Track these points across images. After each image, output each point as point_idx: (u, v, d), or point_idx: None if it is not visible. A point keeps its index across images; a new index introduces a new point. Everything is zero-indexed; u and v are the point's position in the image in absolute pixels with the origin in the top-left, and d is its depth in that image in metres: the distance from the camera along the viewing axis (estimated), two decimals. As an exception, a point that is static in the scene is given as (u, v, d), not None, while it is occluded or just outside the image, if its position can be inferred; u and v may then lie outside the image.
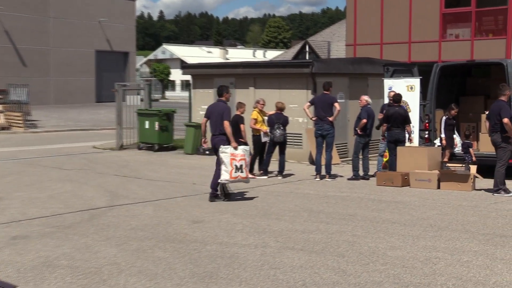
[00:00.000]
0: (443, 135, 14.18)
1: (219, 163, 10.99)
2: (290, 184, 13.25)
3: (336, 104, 13.59)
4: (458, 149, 14.58)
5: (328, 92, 13.82)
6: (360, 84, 18.09)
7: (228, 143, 10.96)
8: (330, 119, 13.60)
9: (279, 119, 14.09)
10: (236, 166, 10.86)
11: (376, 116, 14.38)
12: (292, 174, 14.46)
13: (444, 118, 14.25)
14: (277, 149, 14.21)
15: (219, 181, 10.97)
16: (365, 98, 14.05)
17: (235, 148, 10.92)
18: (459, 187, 12.19)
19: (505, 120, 11.44)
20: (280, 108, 14.28)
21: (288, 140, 14.68)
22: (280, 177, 14.03)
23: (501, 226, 8.98)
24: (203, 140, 11.88)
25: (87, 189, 12.58)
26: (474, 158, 13.86)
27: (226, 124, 10.95)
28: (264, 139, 14.29)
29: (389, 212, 10.09)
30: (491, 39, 26.73)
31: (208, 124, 11.29)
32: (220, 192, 11.16)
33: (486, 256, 7.37)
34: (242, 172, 10.93)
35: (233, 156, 10.87)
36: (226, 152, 10.87)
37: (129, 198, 11.44)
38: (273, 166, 14.52)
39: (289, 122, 14.65)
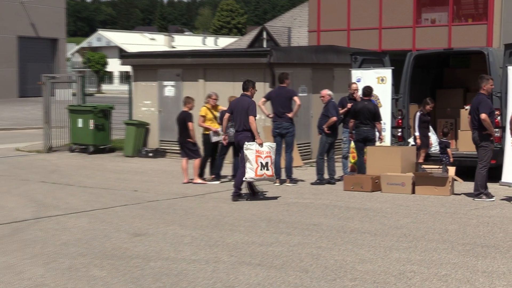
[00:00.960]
0: (417, 133, 14.34)
1: (243, 160, 11.83)
2: (245, 189, 13.26)
3: (295, 98, 13.68)
4: (434, 148, 14.81)
5: (285, 85, 13.91)
6: (325, 75, 18.24)
7: (253, 139, 11.79)
8: (289, 115, 13.69)
9: (233, 116, 14.09)
10: (261, 163, 11.74)
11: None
12: (248, 179, 14.49)
13: (418, 114, 14.43)
14: (231, 151, 14.21)
15: (243, 179, 11.84)
16: (327, 92, 14.15)
17: (260, 145, 11.78)
18: (436, 191, 12.39)
19: (483, 116, 11.66)
20: (234, 104, 14.28)
21: (243, 139, 14.69)
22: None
23: (483, 235, 9.18)
24: (223, 137, 12.80)
25: (8, 198, 12.37)
26: (452, 159, 14.10)
27: (252, 119, 11.89)
28: (214, 138, 14.27)
29: (358, 220, 10.21)
30: (471, 25, 27.31)
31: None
32: (244, 190, 11.99)
33: (466, 268, 7.52)
34: (268, 170, 11.81)
35: (259, 153, 11.75)
36: (251, 148, 11.73)
37: (60, 209, 11.30)
38: (227, 169, 14.53)
39: (245, 120, 14.67)
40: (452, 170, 12.72)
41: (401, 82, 14.91)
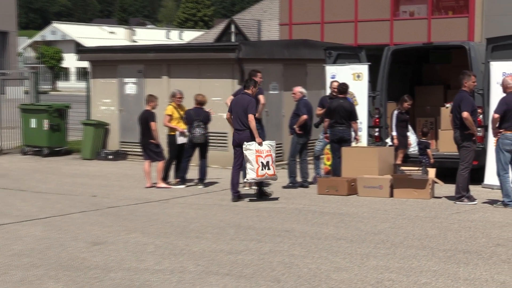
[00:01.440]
0: (394, 133, 14.41)
1: (238, 160, 12.37)
2: (213, 194, 13.27)
3: (260, 97, 13.73)
4: (413, 149, 14.90)
5: None
6: (297, 71, 18.30)
7: (253, 139, 12.19)
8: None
9: (198, 116, 14.08)
10: (262, 163, 12.20)
11: (314, 111, 14.53)
12: (216, 182, 14.49)
13: (395, 112, 14.50)
14: (197, 152, 14.20)
15: (245, 180, 12.47)
16: (299, 89, 14.18)
17: (260, 144, 12.22)
18: (416, 194, 12.50)
19: (465, 114, 11.77)
20: (200, 102, 14.27)
21: (210, 141, 14.70)
22: (201, 186, 14.03)
23: (464, 240, 9.28)
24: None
25: (-44, 205, 12.23)
26: (432, 160, 14.20)
27: (251, 117, 12.25)
28: (180, 139, 14.24)
29: (333, 226, 10.26)
30: (451, 18, 27.57)
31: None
32: (241, 191, 12.51)
33: (448, 276, 7.60)
34: (269, 169, 12.31)
35: (259, 152, 12.20)
36: (250, 149, 12.15)
37: (11, 216, 11.19)
38: (193, 172, 14.51)
39: (212, 119, 14.66)
40: (432, 172, 12.82)
41: (378, 79, 15.00)
